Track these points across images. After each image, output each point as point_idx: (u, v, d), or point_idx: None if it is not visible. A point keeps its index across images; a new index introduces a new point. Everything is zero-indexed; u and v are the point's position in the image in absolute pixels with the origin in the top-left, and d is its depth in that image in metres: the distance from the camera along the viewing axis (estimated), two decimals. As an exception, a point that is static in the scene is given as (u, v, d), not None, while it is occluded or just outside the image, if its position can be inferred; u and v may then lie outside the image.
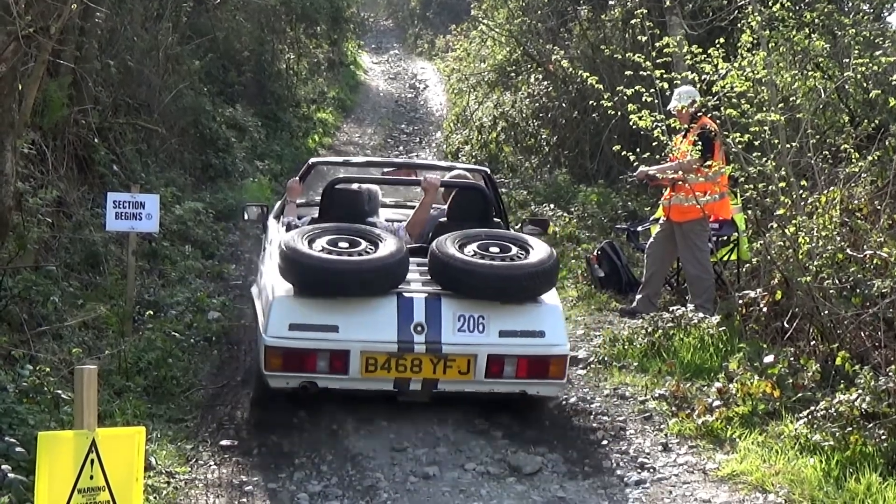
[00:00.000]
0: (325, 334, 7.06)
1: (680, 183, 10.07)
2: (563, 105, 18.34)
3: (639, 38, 12.52)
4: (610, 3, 18.58)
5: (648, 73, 10.12)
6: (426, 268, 7.51)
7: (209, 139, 16.60)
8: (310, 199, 10.20)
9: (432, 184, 8.62)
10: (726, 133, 9.63)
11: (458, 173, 9.35)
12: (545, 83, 19.40)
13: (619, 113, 10.98)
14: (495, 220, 8.57)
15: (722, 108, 9.80)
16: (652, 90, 10.18)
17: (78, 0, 8.60)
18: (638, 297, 10.71)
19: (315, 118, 24.31)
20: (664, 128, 9.88)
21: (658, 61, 10.63)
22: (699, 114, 10.19)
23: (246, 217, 10.17)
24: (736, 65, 9.99)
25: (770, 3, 11.15)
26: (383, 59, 37.84)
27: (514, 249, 7.52)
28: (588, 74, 10.77)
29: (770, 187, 9.45)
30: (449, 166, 10.49)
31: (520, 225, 9.81)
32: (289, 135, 21.64)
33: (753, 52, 10.10)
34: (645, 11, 12.03)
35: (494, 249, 7.47)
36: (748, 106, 9.66)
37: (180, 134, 15.55)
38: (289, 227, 8.18)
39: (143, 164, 13.39)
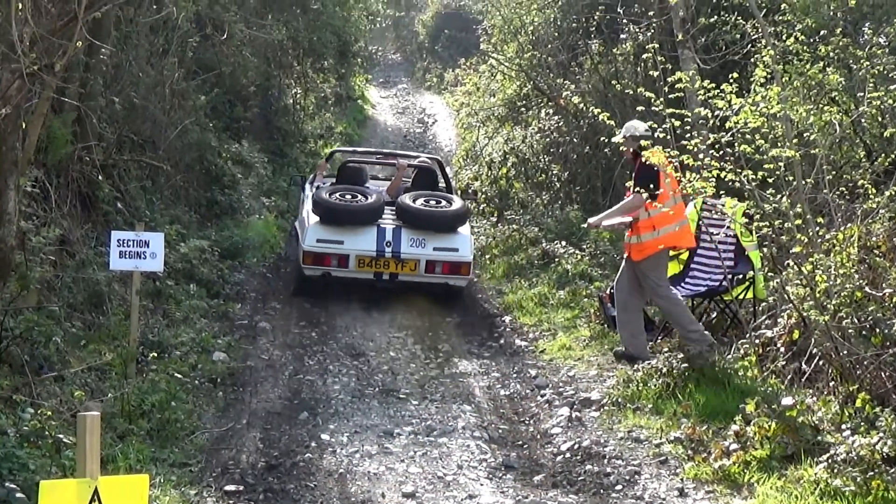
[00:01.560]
0: (336, 245, 12.94)
1: (634, 222, 10.27)
2: (575, 140, 18.33)
3: (650, 72, 12.55)
4: (621, 37, 18.64)
5: (660, 108, 10.13)
6: (395, 212, 13.40)
7: (215, 175, 16.62)
8: (330, 172, 15.87)
9: (402, 165, 15.12)
10: (740, 169, 9.61)
11: (420, 160, 15.89)
12: (556, 118, 19.41)
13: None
14: (441, 187, 14.96)
15: (736, 145, 9.79)
16: (664, 126, 10.19)
17: (83, 37, 8.62)
18: (623, 341, 10.70)
19: (322, 154, 24.37)
20: (677, 164, 9.87)
21: (670, 97, 10.65)
22: (648, 148, 10.31)
23: (291, 183, 17.54)
24: (750, 100, 9.99)
25: (784, 37, 11.15)
26: (391, 94, 37.99)
27: (444, 203, 13.65)
28: (599, 110, 10.78)
29: (786, 224, 9.41)
30: (415, 155, 17.00)
31: (461, 193, 16.55)
32: (296, 171, 21.64)
33: (767, 86, 10.09)
34: (657, 46, 12.04)
35: (433, 202, 13.59)
36: (762, 142, 9.63)
37: (185, 170, 15.58)
38: (318, 188, 14.11)
39: (147, 201, 13.41)
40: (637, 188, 10.11)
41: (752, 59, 11.77)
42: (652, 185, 10.09)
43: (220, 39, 18.60)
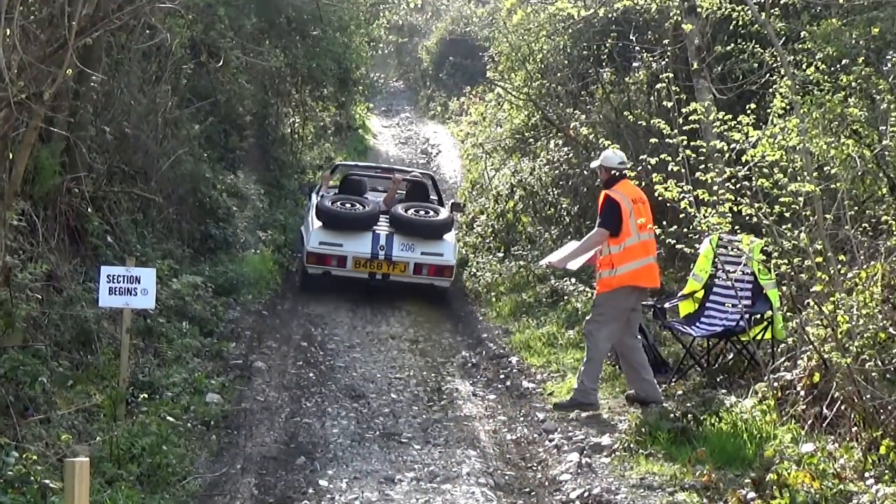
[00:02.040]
0: (335, 247, 15.42)
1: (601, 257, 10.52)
2: (585, 173, 18.35)
3: (664, 102, 12.61)
4: (634, 65, 18.73)
5: (674, 140, 10.18)
6: (389, 220, 15.87)
7: (209, 208, 16.65)
8: (335, 183, 18.42)
9: (397, 179, 17.74)
10: (757, 204, 9.65)
11: (414, 175, 18.86)
12: (565, 149, 19.46)
13: (644, 183, 11.01)
14: (432, 199, 17.75)
15: (753, 179, 9.83)
16: (678, 159, 10.24)
17: (73, 64, 8.68)
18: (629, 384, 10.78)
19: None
20: (692, 199, 9.91)
21: (685, 128, 10.70)
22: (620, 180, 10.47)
23: (300, 191, 21.11)
24: (767, 132, 10.04)
25: (804, 66, 11.21)
26: (394, 123, 38.14)
27: (432, 213, 16.19)
28: (610, 142, 10.83)
29: (806, 262, 9.44)
30: (410, 171, 19.92)
31: (450, 204, 18.02)
32: (293, 203, 21.76)
33: (786, 118, 10.15)
34: (671, 75, 12.08)
35: (422, 212, 16.09)
36: (781, 176, 9.68)
37: (178, 203, 15.60)
38: (322, 197, 16.51)
39: (138, 234, 13.43)
40: (599, 223, 10.41)
41: (771, 90, 11.83)
42: (614, 221, 10.30)
43: (216, 66, 18.70)
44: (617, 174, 10.63)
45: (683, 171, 10.18)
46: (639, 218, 10.33)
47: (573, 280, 15.36)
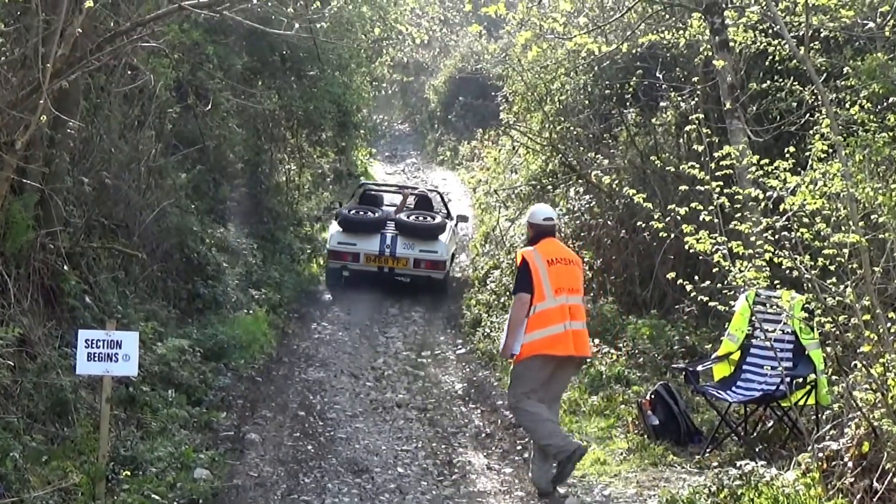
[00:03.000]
0: (350, 246, 20.55)
1: None
2: (609, 223, 18.39)
3: (694, 146, 12.65)
4: (661, 105, 18.79)
5: (706, 187, 10.22)
6: (394, 225, 20.95)
7: (197, 265, 16.66)
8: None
9: (406, 193, 23.23)
10: (797, 257, 9.66)
11: (420, 190, 24.11)
12: (587, 197, 19.48)
13: (674, 233, 11.04)
14: (438, 211, 22.77)
15: (793, 229, 9.85)
16: (711, 208, 10.27)
17: (47, 110, 8.76)
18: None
19: (320, 238, 24.53)
20: (726, 251, 9.93)
21: (717, 174, 10.74)
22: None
23: (329, 209, 26.10)
24: (808, 177, 10.07)
25: (847, 105, 11.26)
26: (399, 169, 38.31)
27: (428, 218, 21.38)
28: (636, 192, 10.88)
29: (852, 320, 9.44)
30: (417, 188, 25.77)
31: (456, 217, 23.69)
32: (289, 258, 21.84)
33: (828, 161, 10.18)
34: (702, 116, 12.16)
35: (420, 218, 21.34)
36: (823, 225, 9.70)
37: (163, 259, 15.63)
38: (343, 207, 21.91)
39: (119, 294, 13.46)
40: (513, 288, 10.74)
41: (811, 131, 11.86)
42: (523, 284, 10.54)
43: (204, 110, 18.78)
44: (544, 231, 10.82)
45: (716, 221, 10.21)
46: (558, 279, 10.51)
47: (596, 341, 15.36)
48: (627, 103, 19.34)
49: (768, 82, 15.17)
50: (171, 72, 16.53)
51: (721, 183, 10.39)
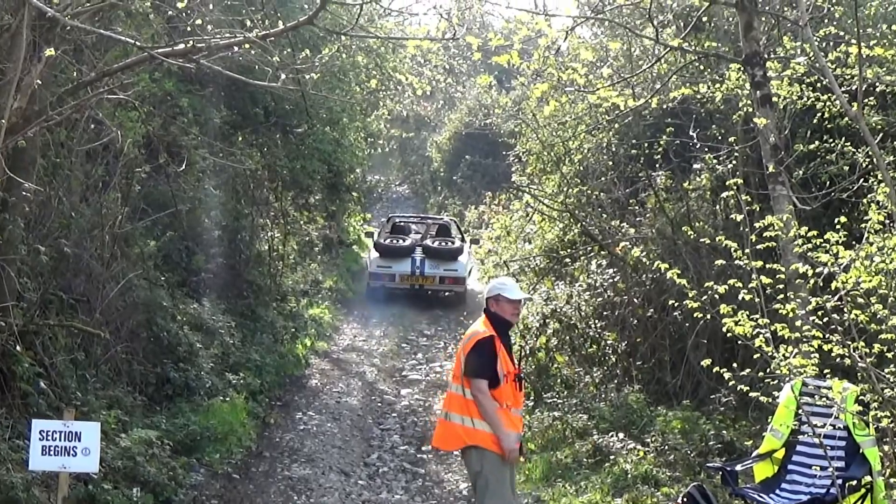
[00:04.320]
0: (387, 269, 29.91)
1: None
2: (635, 301, 18.41)
3: (732, 215, 12.69)
4: (695, 167, 18.83)
5: (745, 262, 10.25)
6: (422, 249, 30.18)
7: (166, 345, 16.67)
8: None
9: (428, 223, 34.45)
10: (850, 342, 9.68)
11: (440, 220, 35.79)
12: (610, 272, 19.47)
13: (709, 314, 11.06)
14: (454, 236, 32.94)
15: (845, 310, 9.87)
16: (751, 285, 10.30)
17: (0, 170, 8.83)
18: None
19: (306, 316, 24.55)
20: (769, 335, 9.95)
21: (759, 247, 10.77)
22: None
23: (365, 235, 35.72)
24: (862, 252, 10.10)
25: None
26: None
27: (449, 243, 31.12)
28: (666, 266, 10.92)
29: (912, 414, 9.45)
30: (438, 217, 37.54)
31: (470, 240, 32.40)
32: (271, 338, 21.78)
33: (885, 234, 10.22)
34: (741, 181, 12.20)
35: (443, 244, 30.89)
36: (880, 307, 9.73)
37: (129, 338, 15.62)
38: (379, 236, 32.42)
39: (79, 379, 13.46)
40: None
41: (865, 199, 11.92)
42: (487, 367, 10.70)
43: (177, 169, 18.81)
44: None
45: (757, 300, 10.23)
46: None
47: (620, 435, 15.35)
48: (656, 165, 19.40)
49: (816, 143, 15.22)
50: (140, 126, 16.62)
51: (763, 258, 10.42)
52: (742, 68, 15.40)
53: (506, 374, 10.50)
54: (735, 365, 10.35)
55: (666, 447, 14.94)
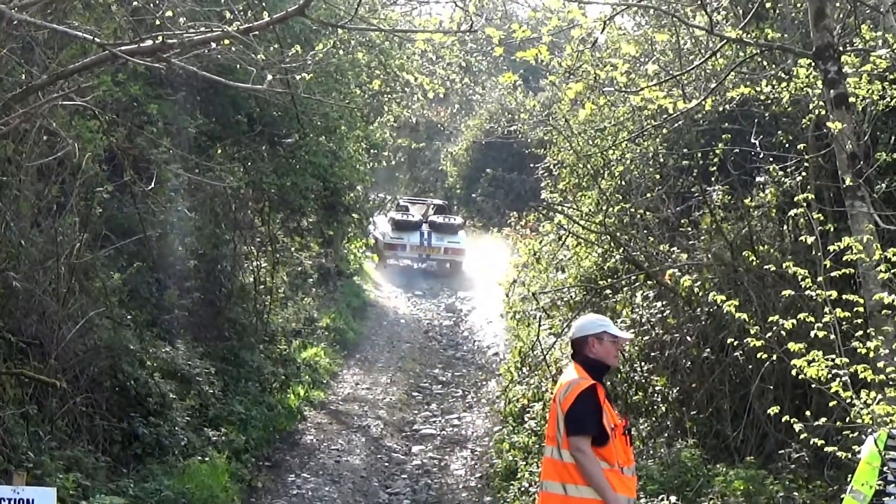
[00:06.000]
0: (399, 240, 47.05)
1: None
2: (688, 339, 18.37)
3: (802, 236, 12.67)
4: (758, 180, 18.74)
5: (817, 292, 10.24)
6: (428, 224, 47.36)
7: (134, 396, 16.64)
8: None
9: (428, 203, 53.16)
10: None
11: (437, 201, 54.93)
12: (659, 304, 19.44)
13: (776, 354, 11.05)
14: (448, 213, 52.70)
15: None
16: (826, 319, 10.28)
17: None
18: None
19: (299, 360, 24.52)
20: (847, 378, 9.93)
21: (834, 274, 10.76)
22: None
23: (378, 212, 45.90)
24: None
25: None
26: (404, 286, 38.46)
27: (451, 219, 49.24)
28: (724, 298, 10.91)
29: None
30: (434, 200, 56.33)
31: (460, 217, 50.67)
32: (258, 386, 21.74)
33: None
34: (812, 196, 12.20)
35: (446, 219, 48.49)
36: (979, 344, 9.73)
37: (90, 388, 15.61)
38: (390, 213, 47.70)
39: (31, 436, 13.47)
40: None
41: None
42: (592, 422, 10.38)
43: (145, 188, 18.71)
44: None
45: (833, 337, 10.22)
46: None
47: (672, 498, 15.31)
48: (712, 178, 19.32)
49: (901, 151, 15.21)
50: (101, 138, 16.51)
51: (839, 286, 10.42)
52: (813, 63, 15.33)
53: (613, 428, 10.16)
54: (808, 414, 10.32)
55: (727, 513, 14.93)
